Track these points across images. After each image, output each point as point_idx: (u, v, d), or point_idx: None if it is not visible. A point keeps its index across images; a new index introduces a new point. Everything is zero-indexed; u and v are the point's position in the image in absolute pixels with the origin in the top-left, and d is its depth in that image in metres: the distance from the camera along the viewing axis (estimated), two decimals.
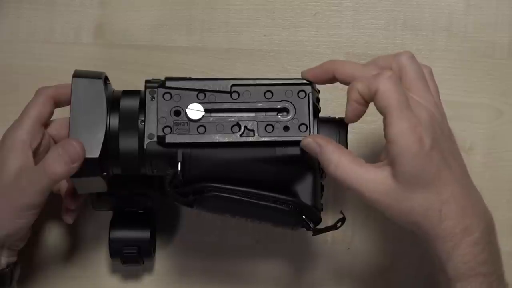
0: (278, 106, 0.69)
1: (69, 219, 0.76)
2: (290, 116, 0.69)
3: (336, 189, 0.82)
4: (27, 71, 0.84)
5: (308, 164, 0.70)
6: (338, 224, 0.69)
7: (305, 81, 0.70)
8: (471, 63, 0.84)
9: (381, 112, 0.64)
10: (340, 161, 0.65)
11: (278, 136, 0.68)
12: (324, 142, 0.66)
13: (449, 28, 0.85)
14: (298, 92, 0.69)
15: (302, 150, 0.68)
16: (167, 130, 0.68)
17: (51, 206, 0.73)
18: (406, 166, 0.63)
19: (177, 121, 0.68)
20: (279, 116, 0.69)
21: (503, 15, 0.85)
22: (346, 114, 0.67)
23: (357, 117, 0.67)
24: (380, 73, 0.65)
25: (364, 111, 0.66)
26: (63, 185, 0.76)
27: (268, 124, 0.69)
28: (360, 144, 0.83)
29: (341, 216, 0.69)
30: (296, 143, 0.68)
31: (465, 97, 0.84)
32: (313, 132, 0.69)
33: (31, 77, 0.83)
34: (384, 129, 0.64)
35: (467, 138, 0.83)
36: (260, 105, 0.69)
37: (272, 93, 0.69)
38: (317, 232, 0.70)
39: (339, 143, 0.72)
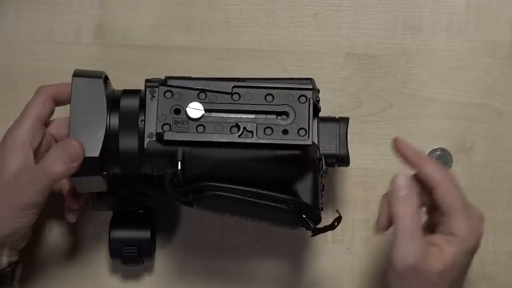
0: (278, 110, 0.69)
1: (71, 218, 0.76)
2: (290, 120, 0.69)
3: (336, 189, 0.82)
4: (27, 71, 0.84)
5: (308, 163, 0.70)
6: (336, 224, 0.69)
7: (306, 86, 0.69)
8: (471, 63, 0.84)
9: (444, 208, 0.68)
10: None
11: (276, 139, 0.68)
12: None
13: (449, 28, 0.85)
14: (299, 97, 0.69)
15: (302, 150, 0.68)
16: (166, 127, 0.68)
17: (51, 206, 0.73)
18: (458, 259, 0.67)
19: (177, 119, 0.68)
20: (279, 119, 0.69)
21: (503, 15, 0.85)
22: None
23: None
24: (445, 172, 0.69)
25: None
26: (65, 185, 0.76)
27: (267, 127, 0.68)
28: (360, 144, 0.83)
29: (337, 215, 0.69)
30: (295, 147, 0.68)
31: (465, 97, 0.84)
32: (312, 136, 0.68)
33: (31, 77, 0.83)
34: (447, 223, 0.68)
35: (467, 138, 0.83)
36: (260, 107, 0.69)
37: (273, 96, 0.69)
38: (316, 232, 0.70)
39: (339, 143, 0.73)
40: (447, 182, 0.68)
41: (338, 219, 0.69)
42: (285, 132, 0.68)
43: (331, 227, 0.69)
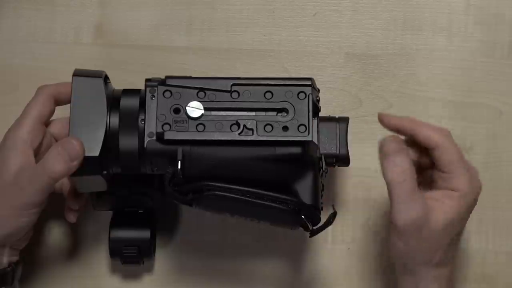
0: (278, 107, 0.69)
1: (72, 218, 0.76)
2: (290, 116, 0.69)
3: (336, 189, 0.82)
4: (27, 71, 0.84)
5: (309, 163, 0.70)
6: (331, 220, 0.69)
7: (305, 82, 0.70)
8: (471, 63, 0.84)
9: (444, 165, 0.69)
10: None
11: (277, 135, 0.68)
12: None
13: (449, 28, 0.85)
14: (298, 93, 0.69)
15: (302, 148, 0.68)
16: (166, 127, 0.68)
17: (51, 206, 0.73)
18: (460, 213, 0.69)
19: (177, 119, 0.68)
20: (279, 116, 0.69)
21: (503, 15, 0.85)
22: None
23: None
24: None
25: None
26: (65, 185, 0.76)
27: (267, 124, 0.68)
28: (360, 144, 0.83)
29: (332, 211, 0.69)
30: (295, 143, 0.68)
31: (465, 97, 0.84)
32: (312, 132, 0.68)
33: (31, 77, 0.83)
34: (448, 180, 0.69)
35: (467, 138, 0.83)
36: (259, 105, 0.69)
37: (272, 93, 0.69)
38: (314, 233, 0.70)
39: (339, 142, 0.73)
40: (446, 141, 0.69)
41: (334, 215, 0.69)
42: (285, 128, 0.68)
43: (328, 223, 0.69)
